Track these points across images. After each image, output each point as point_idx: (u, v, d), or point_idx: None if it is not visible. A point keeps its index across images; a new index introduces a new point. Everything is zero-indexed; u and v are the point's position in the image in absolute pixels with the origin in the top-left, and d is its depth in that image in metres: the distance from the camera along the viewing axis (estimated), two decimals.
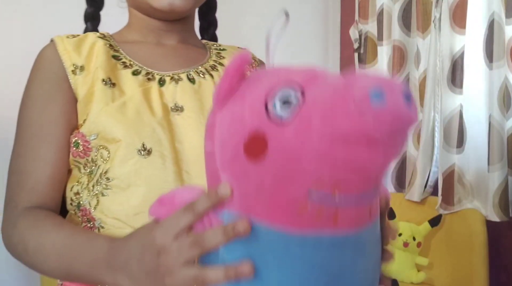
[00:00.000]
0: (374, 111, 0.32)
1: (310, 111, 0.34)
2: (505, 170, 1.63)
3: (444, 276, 1.77)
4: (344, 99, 0.33)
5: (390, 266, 1.78)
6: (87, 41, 0.66)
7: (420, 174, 1.87)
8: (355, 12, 2.32)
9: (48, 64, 0.64)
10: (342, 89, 0.33)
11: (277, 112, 0.35)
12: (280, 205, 0.36)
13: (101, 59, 0.63)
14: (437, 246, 1.82)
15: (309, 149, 0.34)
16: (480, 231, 1.67)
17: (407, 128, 0.34)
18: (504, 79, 1.64)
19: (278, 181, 0.35)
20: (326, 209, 0.35)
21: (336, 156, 0.33)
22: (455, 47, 1.78)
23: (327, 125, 0.33)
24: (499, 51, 1.64)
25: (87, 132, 0.61)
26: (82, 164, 0.62)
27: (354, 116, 0.32)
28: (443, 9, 1.79)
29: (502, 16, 1.64)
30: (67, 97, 0.62)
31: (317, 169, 0.34)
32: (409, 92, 0.34)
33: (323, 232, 0.36)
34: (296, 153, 0.34)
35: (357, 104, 0.32)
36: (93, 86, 0.61)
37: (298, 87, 0.36)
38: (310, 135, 0.33)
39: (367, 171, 0.34)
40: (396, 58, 2.05)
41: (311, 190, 0.35)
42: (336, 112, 0.33)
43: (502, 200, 1.63)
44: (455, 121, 1.78)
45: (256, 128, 0.36)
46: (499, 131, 1.63)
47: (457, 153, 1.80)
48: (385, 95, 0.32)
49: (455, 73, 1.79)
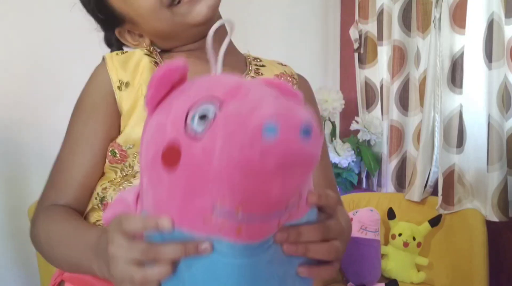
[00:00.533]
0: (262, 145, 0.33)
1: (216, 131, 0.35)
2: (504, 170, 1.63)
3: (444, 276, 1.77)
4: (242, 127, 0.34)
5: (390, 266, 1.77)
6: (134, 58, 0.70)
7: (420, 174, 1.87)
8: (355, 12, 2.32)
9: (98, 79, 0.69)
10: (244, 114, 0.34)
11: (193, 126, 0.37)
12: (188, 214, 0.38)
13: (145, 76, 0.67)
14: (437, 246, 1.82)
15: (211, 169, 0.35)
16: (480, 231, 1.67)
17: (302, 163, 0.35)
18: (504, 79, 1.64)
19: (186, 193, 0.37)
20: (229, 224, 0.37)
21: (233, 182, 0.34)
22: (455, 47, 1.78)
23: (224, 151, 0.34)
24: (498, 51, 1.64)
25: (123, 143, 0.66)
26: (119, 168, 0.67)
27: (245, 147, 0.33)
28: (443, 9, 1.79)
29: (501, 16, 1.64)
30: (110, 111, 0.67)
31: (219, 189, 0.35)
32: (309, 126, 0.34)
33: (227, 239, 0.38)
34: (202, 170, 0.36)
35: (250, 136, 0.33)
36: (137, 101, 0.66)
37: (218, 102, 0.37)
38: (212, 156, 0.35)
39: (265, 199, 0.35)
40: (396, 58, 2.05)
41: (216, 205, 0.36)
42: (233, 140, 0.34)
43: (501, 200, 1.62)
44: (455, 121, 1.78)
45: (174, 140, 0.37)
46: (498, 131, 1.63)
47: (457, 153, 1.80)
48: (278, 130, 0.33)
49: (455, 73, 1.79)
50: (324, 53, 2.53)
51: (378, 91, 2.24)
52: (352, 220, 1.81)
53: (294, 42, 2.39)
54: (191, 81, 0.42)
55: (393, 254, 1.82)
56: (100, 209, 0.67)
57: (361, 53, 2.30)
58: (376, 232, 1.78)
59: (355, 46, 2.30)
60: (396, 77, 2.06)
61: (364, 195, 2.06)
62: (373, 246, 1.77)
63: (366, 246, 1.76)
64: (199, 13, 0.67)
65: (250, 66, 0.78)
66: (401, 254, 1.80)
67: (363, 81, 2.29)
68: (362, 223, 1.77)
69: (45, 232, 0.62)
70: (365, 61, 2.29)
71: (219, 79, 0.41)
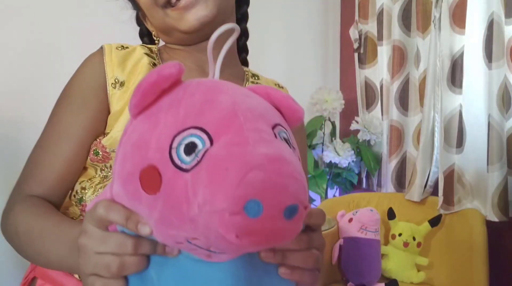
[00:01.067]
0: (242, 222, 0.32)
1: (201, 175, 0.34)
2: (505, 170, 1.63)
3: (444, 276, 1.77)
4: (227, 189, 0.32)
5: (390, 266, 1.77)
6: (133, 56, 0.68)
7: (420, 174, 1.87)
8: (355, 12, 2.32)
9: (91, 71, 0.66)
10: (232, 171, 0.32)
11: (179, 154, 0.35)
12: (162, 234, 0.38)
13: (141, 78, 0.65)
14: (437, 246, 1.82)
15: (190, 210, 0.34)
16: (480, 231, 1.67)
17: (277, 242, 0.34)
18: (504, 79, 1.64)
19: (162, 220, 0.36)
20: (201, 251, 0.38)
21: (209, 235, 0.34)
22: (455, 47, 1.78)
23: (206, 203, 0.33)
24: (498, 51, 1.64)
25: (108, 145, 0.64)
26: (100, 167, 0.65)
27: (225, 217, 0.32)
28: (443, 9, 1.79)
29: (501, 16, 1.64)
30: (101, 107, 0.65)
31: (194, 231, 0.34)
32: (295, 207, 0.33)
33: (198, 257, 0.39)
34: (181, 207, 0.34)
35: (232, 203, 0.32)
36: (127, 104, 0.64)
37: (207, 136, 0.35)
38: (194, 199, 0.33)
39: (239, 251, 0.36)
40: (396, 58, 2.05)
41: (188, 240, 0.36)
42: (216, 197, 0.32)
43: (501, 200, 1.63)
44: (455, 121, 1.78)
45: (156, 163, 0.36)
46: (498, 131, 1.63)
47: (457, 153, 1.80)
48: (262, 208, 0.32)
49: (455, 73, 1.79)
50: (324, 53, 2.53)
51: (378, 91, 2.24)
52: (352, 220, 1.81)
53: (294, 42, 2.39)
54: (183, 90, 0.40)
55: (393, 254, 1.82)
56: (78, 208, 0.65)
57: (361, 53, 2.30)
58: (376, 232, 1.78)
59: (355, 46, 2.30)
60: (396, 77, 2.06)
61: (364, 195, 2.06)
62: (373, 246, 1.77)
63: (366, 246, 1.76)
64: (187, 22, 0.65)
65: (247, 83, 0.77)
66: (401, 254, 1.80)
67: (363, 81, 2.29)
68: (362, 223, 1.77)
69: (24, 225, 0.59)
70: (365, 61, 2.29)
71: (213, 98, 0.38)
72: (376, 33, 2.20)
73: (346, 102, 2.24)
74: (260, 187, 0.32)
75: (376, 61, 2.23)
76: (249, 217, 0.32)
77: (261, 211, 0.32)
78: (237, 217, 0.32)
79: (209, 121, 0.36)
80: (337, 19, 2.55)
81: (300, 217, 0.34)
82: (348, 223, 1.82)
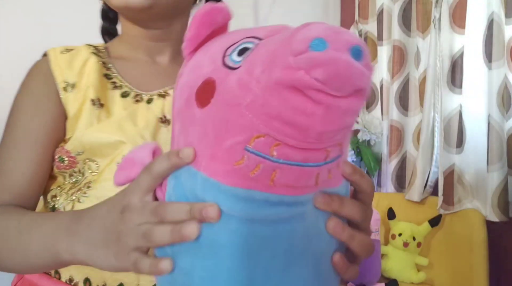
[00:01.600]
0: (309, 55, 0.29)
1: (255, 55, 0.33)
2: (505, 170, 1.63)
3: (444, 276, 1.77)
4: (285, 44, 0.31)
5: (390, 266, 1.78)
6: (80, 56, 0.66)
7: (420, 174, 1.87)
8: (355, 12, 2.32)
9: (40, 77, 0.64)
10: (288, 35, 0.31)
11: (231, 57, 0.34)
12: (217, 157, 0.34)
13: (92, 77, 0.63)
14: (437, 246, 1.82)
15: (246, 96, 0.32)
16: (480, 231, 1.67)
17: (353, 85, 0.31)
18: (504, 79, 1.64)
19: (217, 129, 0.34)
20: (262, 166, 0.33)
21: (271, 106, 0.31)
22: (455, 47, 1.78)
23: (264, 71, 0.31)
24: (498, 51, 1.64)
25: (72, 150, 0.61)
26: (68, 173, 0.63)
27: (289, 59, 0.30)
28: (443, 9, 1.79)
29: (501, 16, 1.64)
30: (57, 112, 0.62)
31: (253, 119, 0.32)
32: (360, 49, 0.31)
33: (256, 190, 0.34)
34: (236, 99, 0.32)
35: (295, 48, 0.30)
36: (83, 104, 0.62)
37: (258, 40, 0.35)
38: (249, 81, 0.32)
39: (305, 125, 0.31)
40: (396, 58, 2.05)
41: (248, 145, 0.32)
42: (274, 57, 0.31)
43: (501, 200, 1.63)
44: (455, 121, 1.78)
45: (210, 74, 0.35)
46: (498, 131, 1.63)
47: (456, 153, 1.80)
48: (328, 47, 0.30)
49: (455, 73, 1.79)
50: None
51: (378, 91, 2.24)
52: None
53: None
54: (232, 31, 0.39)
55: (393, 254, 1.82)
56: None
57: None
58: (376, 232, 1.78)
59: None
60: (396, 77, 2.06)
61: None
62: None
63: None
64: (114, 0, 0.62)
65: None
66: (401, 254, 1.80)
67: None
68: None
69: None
70: None
71: (266, 26, 0.38)
72: (376, 33, 2.20)
73: None
74: (322, 30, 0.30)
75: (376, 61, 2.23)
76: (316, 51, 0.29)
77: (327, 46, 0.30)
78: (303, 55, 0.29)
79: (262, 32, 0.36)
80: (337, 19, 2.55)
81: (368, 63, 0.32)
82: None
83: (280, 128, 0.31)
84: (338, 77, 0.29)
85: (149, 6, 0.63)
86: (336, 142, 0.34)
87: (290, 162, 0.32)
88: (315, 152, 0.33)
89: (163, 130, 0.62)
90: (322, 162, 0.34)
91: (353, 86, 0.31)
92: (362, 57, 0.31)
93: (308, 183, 0.34)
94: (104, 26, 0.77)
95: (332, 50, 0.29)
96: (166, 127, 0.62)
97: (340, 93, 0.30)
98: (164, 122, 0.63)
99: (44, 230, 0.50)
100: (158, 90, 0.66)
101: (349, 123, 0.33)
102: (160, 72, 0.69)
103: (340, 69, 0.29)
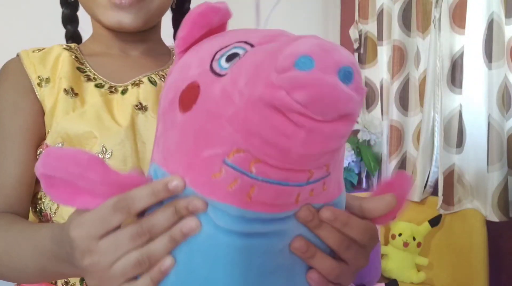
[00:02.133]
0: (293, 74, 0.28)
1: (241, 65, 0.31)
2: (505, 170, 1.63)
3: (444, 276, 1.77)
4: (271, 58, 0.29)
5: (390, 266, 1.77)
6: (52, 53, 0.65)
7: (420, 174, 1.87)
8: (355, 12, 2.32)
9: (13, 76, 0.64)
10: (276, 48, 0.30)
11: (219, 63, 0.33)
12: (194, 167, 0.33)
13: (65, 69, 0.63)
14: (437, 246, 1.82)
15: (228, 107, 0.30)
16: (480, 231, 1.67)
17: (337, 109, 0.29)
18: (504, 79, 1.64)
19: (196, 138, 0.32)
20: (240, 181, 0.31)
21: (252, 122, 0.29)
22: (455, 47, 1.78)
23: (247, 84, 0.29)
24: (498, 51, 1.64)
25: (51, 143, 0.60)
26: None
27: (272, 76, 0.28)
28: (443, 9, 1.79)
29: (501, 16, 1.64)
30: (35, 108, 0.62)
31: (233, 134, 0.30)
32: (350, 71, 0.29)
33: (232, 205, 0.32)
34: (218, 110, 0.31)
35: (280, 64, 0.28)
36: (57, 95, 0.61)
37: (249, 46, 0.33)
38: (232, 93, 0.30)
39: (285, 147, 0.29)
40: (396, 58, 2.05)
41: (227, 158, 0.31)
42: (258, 71, 0.29)
43: (501, 200, 1.63)
44: (455, 121, 1.78)
45: (196, 78, 0.33)
46: (498, 131, 1.63)
47: (456, 153, 1.80)
48: (314, 67, 0.28)
49: (455, 73, 1.79)
50: None
51: (378, 91, 2.24)
52: None
53: None
54: (227, 31, 0.38)
55: (393, 254, 1.82)
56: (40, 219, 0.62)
57: (361, 53, 2.30)
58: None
59: (355, 46, 2.30)
60: (396, 77, 2.06)
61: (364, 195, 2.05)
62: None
63: None
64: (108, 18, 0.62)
65: (173, 57, 0.73)
66: (401, 254, 1.80)
67: (363, 81, 2.28)
68: None
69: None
70: (365, 61, 2.29)
71: (262, 30, 0.36)
72: (376, 33, 2.20)
73: None
74: (311, 47, 0.29)
75: (376, 61, 2.23)
76: (300, 70, 0.28)
77: (313, 66, 0.28)
78: (286, 73, 0.28)
79: (255, 37, 0.34)
80: (337, 19, 2.55)
81: (358, 86, 0.30)
82: None
83: (260, 146, 0.30)
84: (321, 101, 0.28)
85: (141, 26, 0.64)
86: (321, 164, 0.32)
87: (269, 180, 0.31)
88: (297, 172, 0.31)
89: (140, 117, 0.61)
90: (304, 182, 0.32)
91: (338, 111, 0.29)
92: (352, 79, 0.29)
93: (287, 201, 0.33)
94: (65, 13, 0.76)
95: (318, 71, 0.28)
96: (143, 113, 0.62)
97: (323, 118, 0.28)
98: (141, 109, 0.62)
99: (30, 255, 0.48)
100: (132, 79, 0.65)
101: (334, 147, 0.31)
102: (133, 64, 0.69)
103: (324, 92, 0.28)
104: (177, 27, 0.82)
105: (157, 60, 0.71)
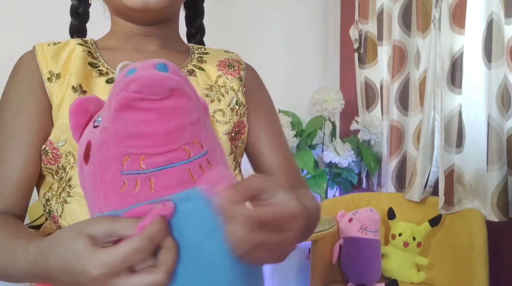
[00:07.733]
0: (125, 80, 0.38)
1: (104, 109, 0.42)
2: (504, 170, 1.63)
3: (444, 276, 1.77)
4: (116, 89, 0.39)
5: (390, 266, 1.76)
6: (66, 48, 0.66)
7: (420, 174, 1.87)
8: (355, 12, 2.32)
9: (25, 70, 0.64)
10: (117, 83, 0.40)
11: (97, 121, 0.43)
12: (107, 193, 0.40)
13: (76, 65, 0.64)
14: (437, 246, 1.82)
15: (105, 134, 0.40)
16: (480, 231, 1.67)
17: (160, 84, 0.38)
18: (503, 78, 1.64)
19: (100, 172, 0.40)
20: (140, 182, 0.39)
21: (119, 129, 0.38)
22: (455, 47, 1.78)
23: (108, 109, 0.39)
24: (498, 51, 1.64)
25: (54, 139, 0.61)
26: (54, 171, 0.62)
27: (118, 91, 0.38)
28: (443, 9, 1.79)
29: (501, 16, 1.64)
30: (42, 104, 0.62)
31: (116, 148, 0.39)
32: (164, 65, 0.40)
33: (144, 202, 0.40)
34: (101, 141, 0.40)
35: (119, 85, 0.38)
36: (65, 92, 0.62)
37: None
38: (104, 124, 0.40)
39: (148, 132, 0.38)
40: (396, 58, 2.05)
41: (123, 171, 0.39)
42: (110, 99, 0.40)
43: (501, 200, 1.63)
44: (455, 121, 1.78)
45: (88, 138, 0.43)
46: (498, 131, 1.63)
47: (456, 153, 1.80)
48: (137, 70, 0.39)
49: (455, 73, 1.79)
50: (324, 53, 2.53)
51: (378, 91, 2.24)
52: (352, 220, 1.81)
53: (294, 42, 2.39)
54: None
55: (393, 254, 1.82)
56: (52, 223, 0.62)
57: (361, 53, 2.30)
58: (376, 232, 1.78)
59: (355, 46, 2.31)
60: (396, 77, 2.06)
61: (364, 195, 2.06)
62: (373, 246, 1.77)
63: (366, 246, 1.76)
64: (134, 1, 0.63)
65: (193, 55, 0.75)
66: (401, 254, 1.80)
67: (363, 81, 2.29)
68: (362, 223, 1.77)
69: None
70: (365, 61, 2.29)
71: None
72: (376, 33, 2.20)
73: (346, 102, 2.24)
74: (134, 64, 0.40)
75: (376, 61, 2.24)
76: (129, 76, 0.38)
77: (136, 70, 0.39)
78: (122, 82, 0.38)
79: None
80: (337, 19, 2.56)
81: (175, 71, 0.40)
82: (348, 223, 1.82)
83: (134, 143, 0.39)
84: (147, 84, 0.38)
85: (166, 7, 0.64)
86: (189, 140, 0.40)
87: (158, 168, 0.39)
88: (174, 152, 0.39)
89: None
90: (186, 160, 0.40)
91: (164, 87, 0.38)
92: (168, 69, 0.40)
93: (184, 179, 0.40)
94: (73, 24, 0.77)
95: (140, 70, 0.39)
96: None
97: (158, 96, 0.38)
98: None
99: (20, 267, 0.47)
100: None
101: (187, 121, 0.40)
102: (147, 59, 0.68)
103: (147, 78, 0.38)
104: (191, 25, 0.83)
105: (174, 57, 0.71)
